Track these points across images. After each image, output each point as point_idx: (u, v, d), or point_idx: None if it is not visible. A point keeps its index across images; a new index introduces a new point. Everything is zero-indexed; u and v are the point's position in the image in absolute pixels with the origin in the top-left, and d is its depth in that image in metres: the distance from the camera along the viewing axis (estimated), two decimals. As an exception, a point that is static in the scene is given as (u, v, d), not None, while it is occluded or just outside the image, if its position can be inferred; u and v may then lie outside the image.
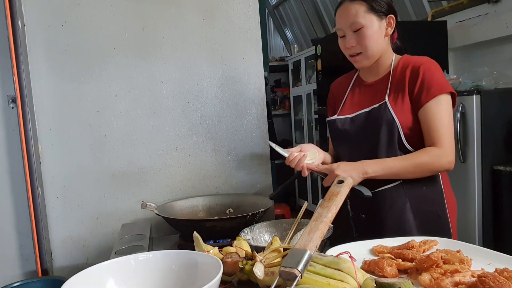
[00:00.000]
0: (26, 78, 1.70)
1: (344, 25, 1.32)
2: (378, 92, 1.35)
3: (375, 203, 1.29)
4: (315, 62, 4.02)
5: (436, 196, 1.32)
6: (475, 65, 3.10)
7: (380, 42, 1.31)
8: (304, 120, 5.20)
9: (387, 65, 1.36)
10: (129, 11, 1.84)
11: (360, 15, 1.28)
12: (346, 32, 1.32)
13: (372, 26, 1.28)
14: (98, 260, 0.88)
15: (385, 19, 1.31)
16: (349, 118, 1.40)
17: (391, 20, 1.32)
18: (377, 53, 1.33)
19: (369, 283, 0.77)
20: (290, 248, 0.82)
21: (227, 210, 1.74)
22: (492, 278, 0.76)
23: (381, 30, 1.31)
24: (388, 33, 1.33)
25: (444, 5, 3.52)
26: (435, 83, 1.25)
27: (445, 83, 1.27)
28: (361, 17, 1.28)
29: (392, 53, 1.38)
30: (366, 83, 1.43)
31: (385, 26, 1.31)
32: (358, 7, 1.29)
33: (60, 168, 1.80)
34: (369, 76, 1.42)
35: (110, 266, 0.87)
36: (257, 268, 0.86)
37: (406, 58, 1.34)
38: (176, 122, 1.91)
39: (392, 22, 1.32)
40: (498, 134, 2.53)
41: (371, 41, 1.29)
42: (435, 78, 1.25)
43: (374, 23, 1.29)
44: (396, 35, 1.41)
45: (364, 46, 1.30)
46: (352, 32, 1.30)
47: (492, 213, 2.53)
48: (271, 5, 6.58)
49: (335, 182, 0.99)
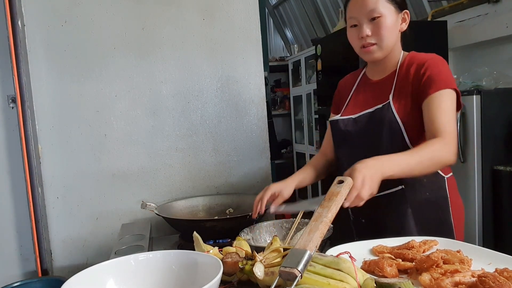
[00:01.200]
0: (26, 78, 1.70)
1: (360, 13, 1.25)
2: (382, 92, 1.30)
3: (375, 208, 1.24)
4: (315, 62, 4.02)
5: (440, 202, 1.28)
6: (475, 65, 3.10)
7: (395, 35, 1.27)
8: (304, 120, 5.20)
9: (395, 62, 1.31)
10: (129, 11, 1.84)
11: (381, 3, 1.23)
12: (361, 21, 1.25)
13: (391, 17, 1.24)
14: (98, 260, 0.88)
15: (402, 14, 1.27)
16: (352, 118, 1.35)
17: (406, 15, 1.28)
18: (391, 45, 1.28)
19: (369, 283, 0.77)
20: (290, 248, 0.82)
21: (227, 210, 1.74)
22: (492, 278, 0.75)
23: (397, 23, 1.27)
24: (402, 29, 1.29)
25: (444, 5, 3.52)
26: (441, 78, 1.20)
27: (451, 80, 1.22)
28: (381, 5, 1.22)
29: (401, 50, 1.33)
30: (371, 81, 1.38)
31: (400, 20, 1.28)
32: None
33: (60, 168, 1.80)
34: (375, 73, 1.38)
35: (110, 266, 0.87)
36: (257, 268, 0.86)
37: (413, 55, 1.30)
38: (176, 122, 1.91)
39: (406, 18, 1.28)
40: (498, 134, 2.53)
41: (388, 32, 1.24)
42: (441, 73, 1.21)
43: (393, 14, 1.24)
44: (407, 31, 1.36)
45: (380, 36, 1.24)
46: (368, 20, 1.24)
47: (492, 213, 2.52)
48: (271, 5, 6.58)
49: (335, 182, 0.99)
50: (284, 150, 6.03)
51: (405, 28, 1.30)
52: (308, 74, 4.99)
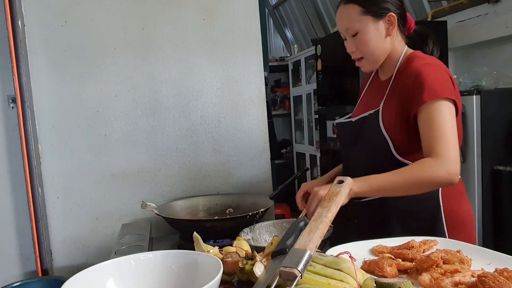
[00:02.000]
0: (26, 78, 1.70)
1: (341, 30, 1.26)
2: (380, 95, 1.27)
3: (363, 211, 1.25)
4: (315, 62, 4.03)
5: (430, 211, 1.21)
6: (475, 65, 3.10)
7: (381, 44, 1.22)
8: (304, 120, 5.20)
9: (394, 63, 1.27)
10: (129, 11, 1.84)
11: (354, 19, 1.20)
12: (346, 36, 1.26)
13: (368, 30, 1.20)
14: (98, 260, 0.88)
15: (384, 19, 1.21)
16: (351, 122, 1.34)
17: (391, 18, 1.21)
18: (380, 55, 1.25)
19: (369, 283, 0.77)
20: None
21: (227, 210, 1.74)
22: (492, 278, 0.76)
23: (380, 32, 1.22)
24: (390, 33, 1.23)
25: (444, 5, 3.52)
26: (427, 88, 1.12)
27: (440, 88, 1.13)
28: (354, 22, 1.20)
29: (402, 50, 1.27)
30: (379, 81, 1.35)
31: (384, 26, 1.22)
32: (351, 10, 1.21)
33: (60, 168, 1.80)
34: (382, 73, 1.35)
35: (110, 266, 0.87)
36: (257, 268, 0.86)
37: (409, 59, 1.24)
38: (176, 122, 1.91)
39: (393, 20, 1.21)
40: (498, 134, 2.53)
41: (370, 46, 1.22)
42: (427, 83, 1.13)
43: (370, 26, 1.20)
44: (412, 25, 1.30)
45: (363, 51, 1.23)
46: (350, 36, 1.24)
47: (492, 213, 2.53)
48: (271, 5, 6.58)
49: (335, 182, 0.99)
50: (284, 150, 6.04)
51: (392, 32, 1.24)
52: (308, 74, 4.99)
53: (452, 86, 1.17)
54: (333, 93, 3.72)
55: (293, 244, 0.80)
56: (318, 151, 4.59)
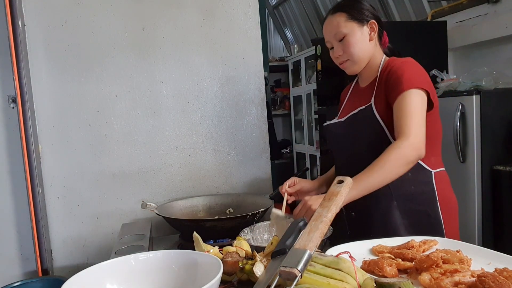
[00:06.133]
0: (26, 78, 1.70)
1: (329, 37, 1.40)
2: (367, 95, 1.39)
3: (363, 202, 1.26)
4: (315, 62, 4.02)
5: (426, 195, 1.32)
6: (475, 65, 3.10)
7: (365, 47, 1.37)
8: (304, 120, 5.19)
9: (376, 69, 1.40)
10: (129, 11, 1.84)
11: (342, 24, 1.36)
12: (333, 43, 1.41)
13: (354, 33, 1.35)
14: (98, 260, 0.88)
15: (367, 25, 1.37)
16: (341, 121, 1.45)
17: (373, 25, 1.37)
18: (364, 57, 1.38)
19: (369, 283, 0.77)
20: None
21: (227, 210, 1.74)
22: (492, 278, 0.76)
23: (364, 36, 1.37)
24: (372, 38, 1.38)
25: (444, 5, 3.52)
26: (404, 79, 1.25)
27: (416, 79, 1.26)
28: (342, 27, 1.36)
29: (381, 57, 1.41)
30: (360, 87, 1.48)
31: (368, 31, 1.37)
32: (339, 17, 1.37)
33: (60, 168, 1.80)
34: (363, 81, 1.48)
35: (110, 266, 0.87)
36: (257, 268, 0.86)
37: (390, 61, 1.38)
38: (176, 122, 1.92)
39: (374, 27, 1.37)
40: (498, 134, 2.53)
41: (356, 47, 1.36)
42: (405, 75, 1.26)
43: (356, 30, 1.36)
44: (387, 40, 1.46)
45: (349, 53, 1.37)
46: (338, 42, 1.38)
47: (492, 213, 2.52)
48: (271, 5, 6.57)
49: (334, 182, 0.99)
50: (284, 150, 6.03)
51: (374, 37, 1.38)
52: (308, 74, 4.99)
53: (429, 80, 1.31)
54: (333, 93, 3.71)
55: (293, 244, 0.81)
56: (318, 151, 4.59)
